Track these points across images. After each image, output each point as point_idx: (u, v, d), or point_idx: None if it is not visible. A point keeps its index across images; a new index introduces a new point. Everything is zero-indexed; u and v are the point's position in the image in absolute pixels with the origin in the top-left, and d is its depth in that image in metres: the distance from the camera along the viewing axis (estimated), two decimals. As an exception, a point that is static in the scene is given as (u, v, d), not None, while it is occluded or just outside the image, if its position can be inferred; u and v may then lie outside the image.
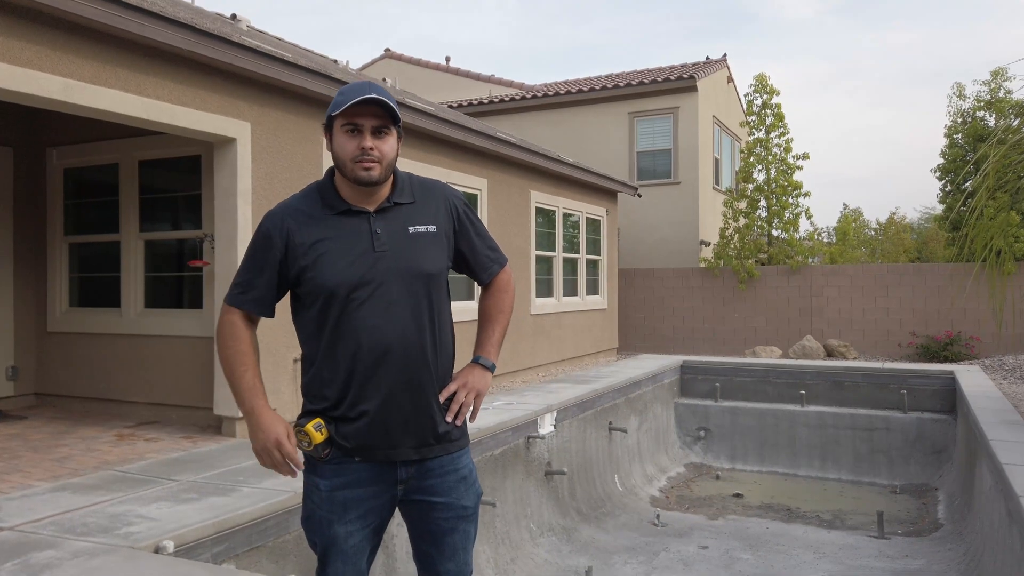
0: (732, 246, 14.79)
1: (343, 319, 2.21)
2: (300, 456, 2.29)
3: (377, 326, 2.21)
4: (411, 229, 2.29)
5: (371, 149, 2.20)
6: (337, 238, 2.23)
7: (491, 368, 2.49)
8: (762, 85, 15.35)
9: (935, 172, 16.59)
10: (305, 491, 2.34)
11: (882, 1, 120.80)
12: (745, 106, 15.77)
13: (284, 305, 2.44)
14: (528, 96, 16.66)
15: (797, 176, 15.36)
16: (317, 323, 2.25)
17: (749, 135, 15.83)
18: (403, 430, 2.26)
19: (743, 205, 15.55)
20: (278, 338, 5.92)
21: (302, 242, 2.23)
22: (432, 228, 2.33)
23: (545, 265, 10.96)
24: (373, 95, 2.16)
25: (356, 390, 2.22)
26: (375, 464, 2.27)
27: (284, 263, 2.26)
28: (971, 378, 8.88)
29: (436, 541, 2.37)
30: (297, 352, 6.15)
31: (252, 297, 2.29)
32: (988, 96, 15.49)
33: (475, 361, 2.50)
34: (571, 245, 11.78)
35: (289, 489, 3.98)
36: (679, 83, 15.29)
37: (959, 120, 16.06)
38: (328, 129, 2.29)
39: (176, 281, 6.48)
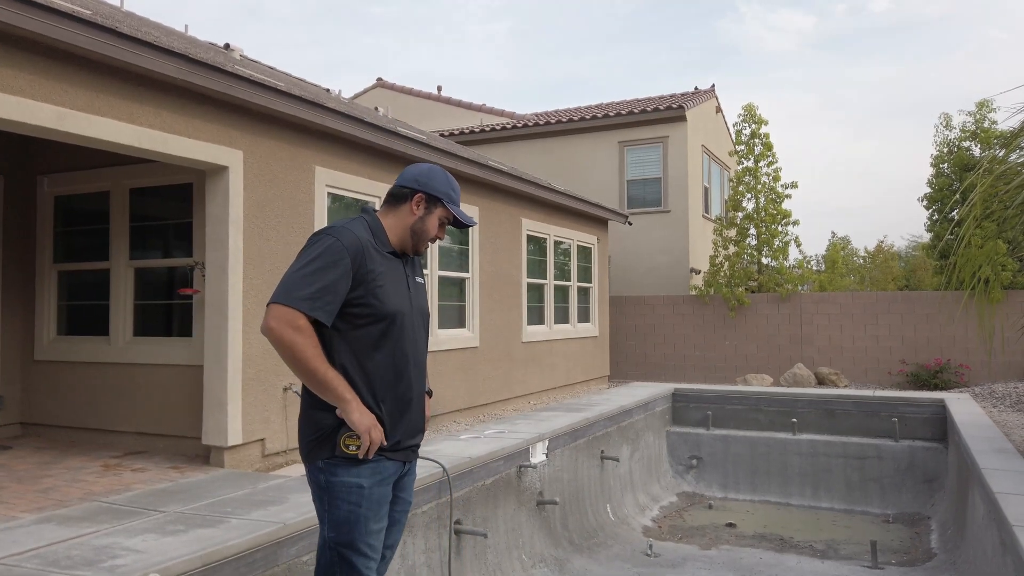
0: (722, 274, 14.85)
1: (396, 339, 2.70)
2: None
3: (412, 346, 2.77)
4: (418, 279, 2.91)
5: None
6: (390, 274, 2.72)
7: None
8: (750, 115, 15.53)
9: (922, 201, 16.76)
10: (340, 495, 2.61)
11: (859, 36, 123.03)
12: (734, 135, 15.94)
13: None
14: (519, 125, 16.79)
15: (786, 205, 15.49)
16: (375, 340, 2.66)
17: (738, 164, 15.98)
18: (415, 432, 2.82)
19: (733, 233, 15.65)
20: (267, 367, 5.89)
21: (371, 269, 2.64)
22: (423, 280, 2.98)
23: (536, 293, 10.97)
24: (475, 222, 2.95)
25: (400, 394, 2.72)
26: (396, 462, 2.73)
27: (352, 283, 2.60)
28: (961, 406, 8.90)
29: (388, 529, 2.83)
30: (287, 381, 6.13)
31: (325, 307, 2.55)
32: (973, 127, 15.71)
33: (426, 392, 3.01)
34: (562, 273, 11.81)
35: (278, 521, 3.93)
36: (668, 113, 15.45)
37: (945, 150, 16.27)
38: (427, 202, 2.80)
39: (166, 309, 6.45)
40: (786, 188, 15.23)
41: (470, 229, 9.05)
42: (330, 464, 2.61)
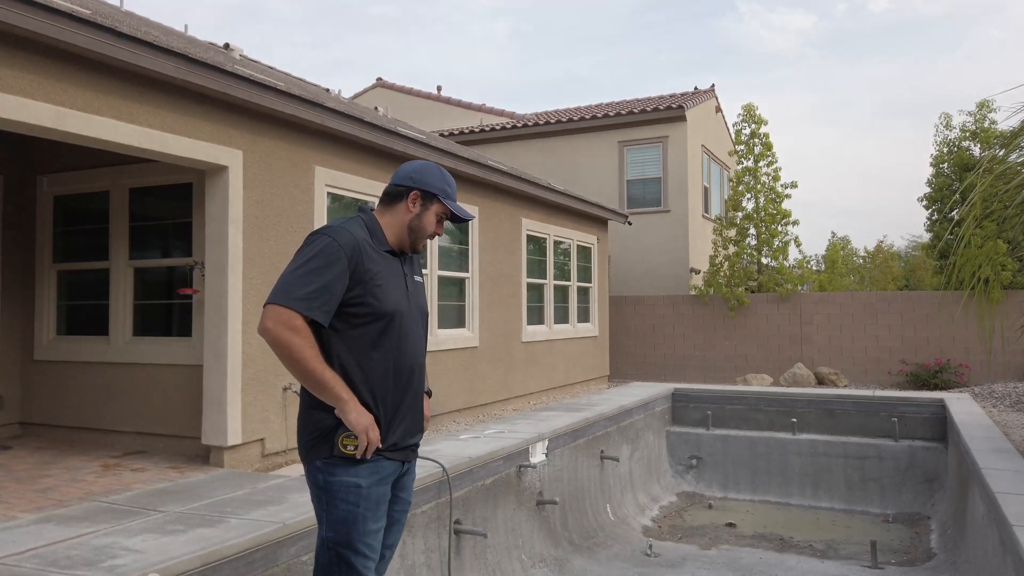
0: (722, 274, 14.85)
1: (394, 338, 2.69)
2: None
3: (410, 345, 2.75)
4: (416, 278, 2.90)
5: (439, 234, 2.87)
6: (387, 272, 2.71)
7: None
8: (750, 115, 15.52)
9: (922, 201, 16.76)
10: (338, 495, 2.61)
11: (858, 36, 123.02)
12: (733, 135, 15.93)
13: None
14: (519, 125, 16.78)
15: (785, 205, 15.49)
16: (373, 339, 2.65)
17: (738, 164, 15.98)
18: (414, 431, 2.81)
19: (732, 233, 15.65)
20: (267, 366, 5.88)
21: (369, 269, 2.63)
22: (422, 279, 2.97)
23: (536, 293, 10.96)
24: (473, 217, 3.04)
25: (398, 394, 2.71)
26: (395, 462, 2.73)
27: (349, 283, 2.60)
28: (961, 406, 8.90)
29: (387, 529, 2.83)
30: (286, 381, 6.12)
31: (322, 307, 2.55)
32: (973, 126, 15.70)
33: (426, 392, 2.99)
34: (562, 272, 11.80)
35: (277, 521, 3.93)
36: (668, 113, 15.45)
37: (945, 150, 16.26)
38: (423, 199, 2.79)
39: (165, 309, 6.44)
40: (786, 188, 15.23)
41: (470, 229, 9.07)
42: (328, 464, 2.62)
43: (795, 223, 15.12)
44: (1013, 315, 12.37)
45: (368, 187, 7.16)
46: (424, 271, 8.15)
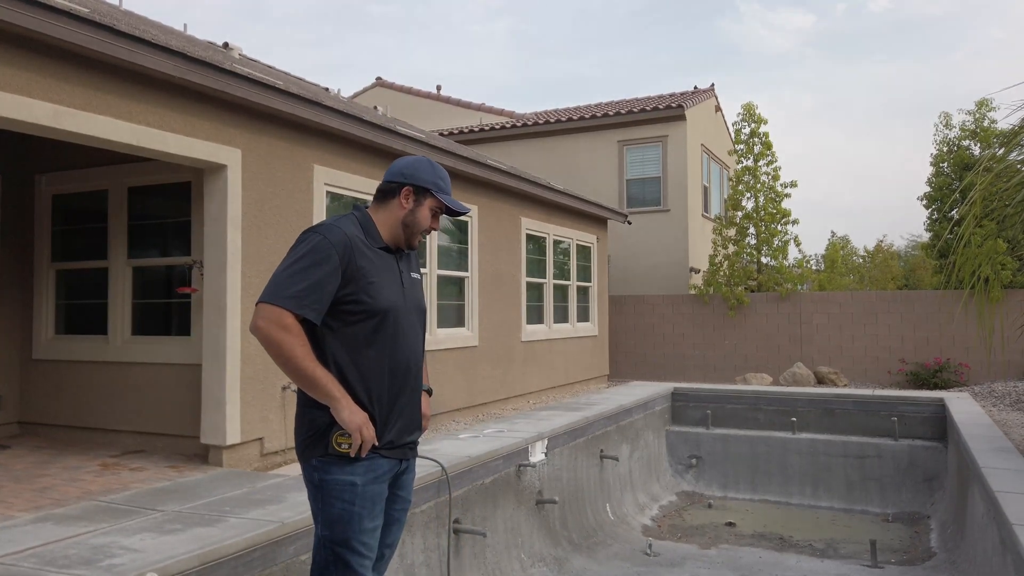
0: (722, 273, 14.84)
1: (389, 335, 2.68)
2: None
3: (406, 342, 2.74)
4: (413, 274, 2.88)
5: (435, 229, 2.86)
6: (382, 269, 2.70)
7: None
8: (749, 114, 15.52)
9: (922, 200, 16.75)
10: (333, 493, 2.60)
11: (858, 36, 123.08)
12: (733, 135, 15.93)
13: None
14: (519, 124, 16.78)
15: (785, 204, 15.49)
16: (367, 337, 2.64)
17: (737, 163, 15.97)
18: (411, 429, 2.80)
19: (732, 232, 15.64)
20: (266, 365, 5.88)
21: (362, 266, 2.62)
22: (419, 275, 2.96)
23: (536, 292, 10.95)
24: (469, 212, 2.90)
25: (394, 391, 2.70)
26: (392, 460, 2.71)
27: (342, 280, 2.59)
28: (961, 405, 8.89)
29: (386, 528, 2.82)
30: (285, 380, 6.10)
31: (313, 305, 2.54)
32: (973, 125, 15.69)
33: (426, 391, 3.00)
34: (561, 272, 11.80)
35: (275, 520, 3.92)
36: (668, 112, 15.44)
37: (945, 149, 16.25)
38: (416, 194, 2.77)
39: (164, 308, 6.43)
40: (785, 187, 15.23)
41: (469, 228, 9.06)
42: (323, 462, 2.61)
43: (795, 222, 15.13)
44: (1013, 314, 12.36)
45: (367, 186, 7.16)
46: (423, 270, 8.15)
